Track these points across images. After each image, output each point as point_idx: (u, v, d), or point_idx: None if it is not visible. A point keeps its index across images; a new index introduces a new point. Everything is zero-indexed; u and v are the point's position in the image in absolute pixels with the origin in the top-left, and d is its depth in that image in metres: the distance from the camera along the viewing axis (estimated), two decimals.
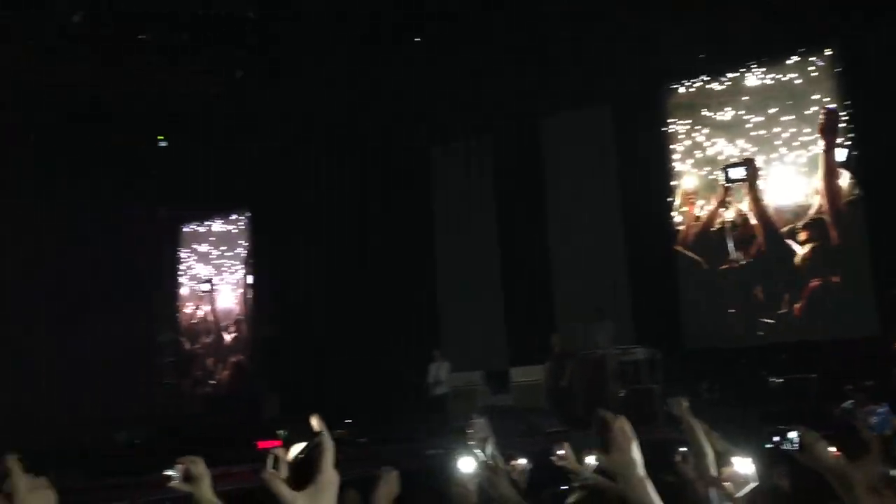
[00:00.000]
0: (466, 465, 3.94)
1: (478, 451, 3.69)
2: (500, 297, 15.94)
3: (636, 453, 2.05)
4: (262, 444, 10.05)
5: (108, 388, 16.28)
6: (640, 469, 2.05)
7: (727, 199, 13.65)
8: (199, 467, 2.79)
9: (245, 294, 19.71)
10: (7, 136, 15.57)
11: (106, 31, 13.62)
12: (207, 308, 20.37)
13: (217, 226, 20.66)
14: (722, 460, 3.48)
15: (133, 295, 18.08)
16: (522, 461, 4.10)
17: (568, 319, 14.19)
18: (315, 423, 1.88)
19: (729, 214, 13.61)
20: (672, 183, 14.64)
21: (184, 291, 20.85)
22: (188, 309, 20.69)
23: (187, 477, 2.63)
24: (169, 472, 2.53)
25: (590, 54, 14.05)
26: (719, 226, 13.81)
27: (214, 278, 20.36)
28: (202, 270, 20.67)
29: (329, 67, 15.09)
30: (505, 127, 16.05)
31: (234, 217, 20.29)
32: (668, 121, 14.78)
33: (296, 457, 1.88)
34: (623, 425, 2.08)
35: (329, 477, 1.81)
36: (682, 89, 14.74)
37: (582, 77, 14.45)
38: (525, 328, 14.88)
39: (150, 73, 14.99)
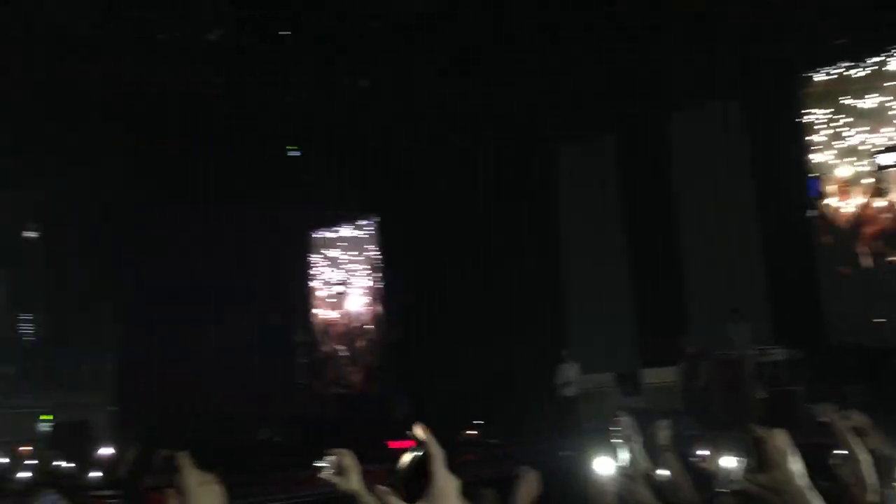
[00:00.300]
0: (604, 466, 3.85)
1: (622, 451, 3.56)
2: (629, 296, 15.64)
3: (794, 464, 1.96)
4: (392, 444, 10.25)
5: (248, 388, 17.01)
6: (800, 480, 1.96)
7: (881, 186, 12.82)
8: (349, 459, 2.86)
9: (374, 297, 20.16)
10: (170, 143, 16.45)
11: (242, 41, 14.24)
12: (339, 311, 20.96)
13: (347, 231, 21.22)
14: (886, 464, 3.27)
15: (269, 298, 18.82)
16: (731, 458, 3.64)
17: (701, 319, 13.77)
18: (419, 432, 1.83)
19: (881, 204, 12.79)
20: (810, 175, 13.94)
21: (316, 295, 21.52)
22: (320, 312, 21.35)
23: (338, 470, 2.72)
24: (320, 464, 2.62)
25: (718, 45, 13.59)
26: (870, 216, 13.01)
27: (345, 282, 20.93)
28: (333, 275, 21.28)
29: (456, 69, 15.19)
30: (631, 123, 15.75)
31: (362, 222, 20.78)
32: (804, 111, 14.09)
33: (404, 468, 1.83)
34: (776, 441, 2.00)
35: (443, 485, 1.76)
36: (818, 77, 14.02)
37: (710, 69, 13.98)
38: (656, 328, 14.53)
39: (284, 82, 15.54)
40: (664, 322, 14.39)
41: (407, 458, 1.76)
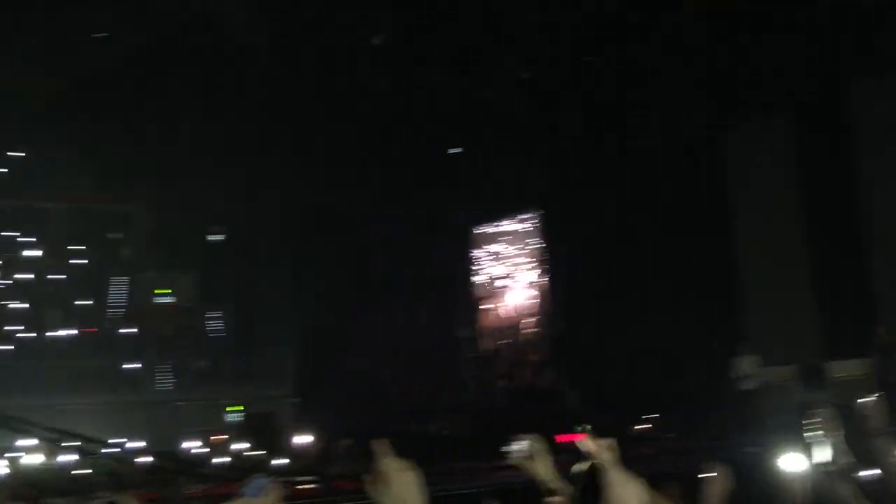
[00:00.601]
0: (794, 463, 3.66)
1: (820, 447, 3.38)
2: (810, 284, 14.75)
3: None
4: (560, 439, 10.20)
5: (417, 382, 17.48)
6: None
7: None
8: (538, 445, 2.88)
9: (539, 290, 20.14)
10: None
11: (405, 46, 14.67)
12: (503, 305, 21.10)
13: (509, 225, 21.31)
14: None
15: (435, 294, 19.23)
16: None
17: (893, 309, 12.80)
18: (587, 445, 1.78)
19: None
20: None
21: (481, 290, 21.76)
22: (485, 306, 21.56)
23: (527, 454, 2.75)
24: (509, 448, 2.66)
25: None
26: None
27: (508, 276, 21.03)
28: (497, 269, 21.44)
29: (613, 62, 14.94)
30: (807, 100, 14.83)
31: (525, 216, 20.80)
32: None
33: (578, 479, 1.79)
34: None
35: (620, 492, 1.70)
36: None
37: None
38: (841, 319, 13.62)
39: (448, 82, 15.85)
40: (849, 311, 13.49)
41: (579, 468, 1.73)
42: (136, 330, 23.62)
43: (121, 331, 23.51)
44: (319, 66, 15.22)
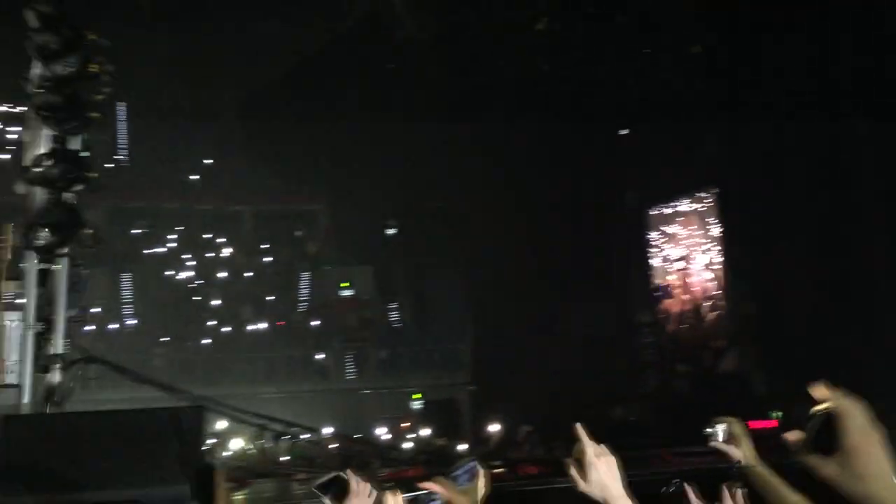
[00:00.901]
0: None
1: None
2: None
3: None
4: (753, 425, 9.78)
5: (596, 367, 17.29)
6: None
7: None
8: (739, 428, 2.78)
9: (720, 272, 19.37)
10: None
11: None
12: (682, 288, 20.47)
13: (684, 206, 20.62)
14: None
15: (613, 278, 18.94)
16: None
17: None
18: (820, 392, 1.66)
19: None
20: None
21: (658, 273, 21.21)
22: (663, 290, 21.01)
23: (727, 438, 2.66)
24: (709, 430, 2.59)
25: None
26: None
27: (686, 258, 20.38)
28: (674, 251, 20.82)
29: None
30: None
31: (701, 195, 20.04)
32: None
33: (810, 426, 1.66)
34: None
35: (859, 440, 1.57)
36: None
37: None
38: None
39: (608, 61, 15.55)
40: None
41: (817, 410, 1.62)
42: (320, 322, 24.92)
43: (311, 323, 24.89)
44: (487, 55, 15.35)
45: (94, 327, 19.57)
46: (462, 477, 2.12)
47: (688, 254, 20.40)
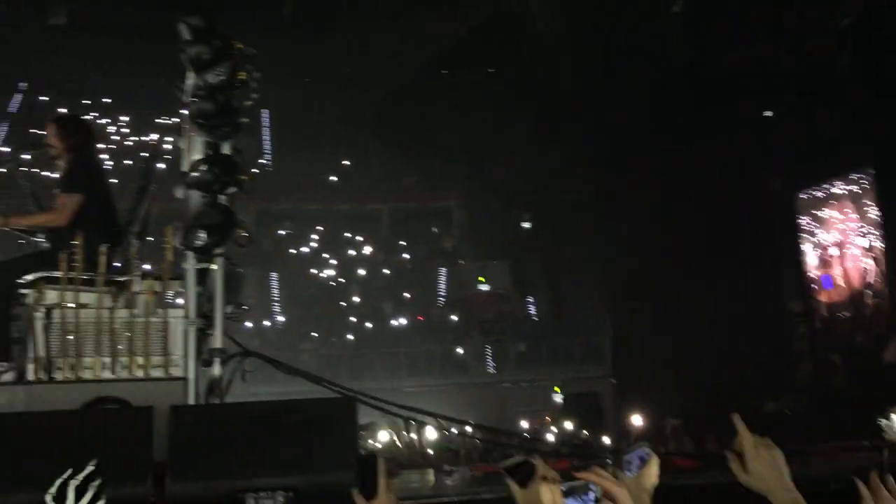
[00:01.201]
0: None
1: None
2: None
3: None
4: None
5: (744, 358, 16.64)
6: None
7: None
8: None
9: (880, 257, 18.20)
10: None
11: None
12: (836, 274, 19.38)
13: (837, 188, 19.48)
14: None
15: (761, 267, 18.18)
16: None
17: None
18: None
19: None
20: None
21: (810, 260, 20.17)
22: (816, 276, 19.97)
23: None
24: (884, 421, 2.44)
25: None
26: None
27: (840, 244, 19.27)
28: (825, 237, 19.73)
29: None
30: None
31: (855, 177, 18.87)
32: None
33: None
34: None
35: None
36: None
37: None
38: None
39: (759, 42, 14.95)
40: None
41: None
42: (458, 317, 25.20)
43: (449, 318, 25.25)
44: (623, 44, 15.07)
45: (250, 324, 20.56)
46: (634, 463, 2.03)
47: (842, 239, 19.29)
